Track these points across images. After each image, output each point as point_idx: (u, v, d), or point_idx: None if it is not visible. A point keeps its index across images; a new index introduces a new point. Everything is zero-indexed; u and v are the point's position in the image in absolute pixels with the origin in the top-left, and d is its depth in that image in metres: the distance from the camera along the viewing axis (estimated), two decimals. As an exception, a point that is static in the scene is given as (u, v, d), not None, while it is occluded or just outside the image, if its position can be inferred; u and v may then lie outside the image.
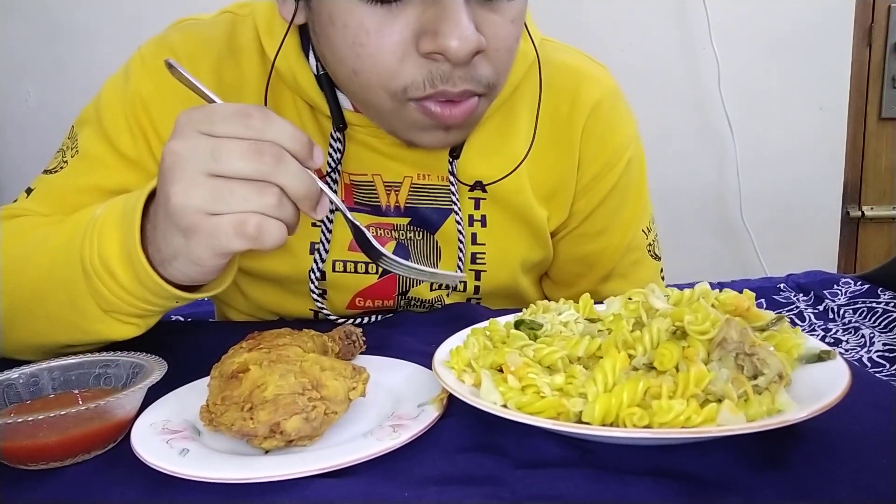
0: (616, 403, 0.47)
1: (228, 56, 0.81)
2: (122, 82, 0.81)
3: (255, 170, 0.53)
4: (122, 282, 0.59)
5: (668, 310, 0.55)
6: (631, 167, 0.91)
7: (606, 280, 0.94)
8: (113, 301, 0.60)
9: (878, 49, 2.11)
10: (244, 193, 0.53)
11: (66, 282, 0.62)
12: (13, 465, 0.51)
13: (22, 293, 0.66)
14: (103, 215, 0.61)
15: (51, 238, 0.66)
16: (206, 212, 0.53)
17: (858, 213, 2.19)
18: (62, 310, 0.64)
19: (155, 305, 0.62)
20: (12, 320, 0.68)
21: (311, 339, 0.62)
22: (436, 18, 0.62)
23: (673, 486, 0.44)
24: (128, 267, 0.59)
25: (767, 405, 0.47)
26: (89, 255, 0.59)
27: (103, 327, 0.63)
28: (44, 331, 0.67)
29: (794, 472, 0.46)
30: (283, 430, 0.49)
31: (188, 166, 0.53)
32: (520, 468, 0.48)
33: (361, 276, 0.84)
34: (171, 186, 0.53)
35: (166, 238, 0.56)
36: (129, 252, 0.58)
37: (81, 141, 0.81)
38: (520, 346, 0.55)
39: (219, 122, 0.54)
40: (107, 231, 0.59)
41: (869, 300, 1.11)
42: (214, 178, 0.53)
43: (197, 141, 0.53)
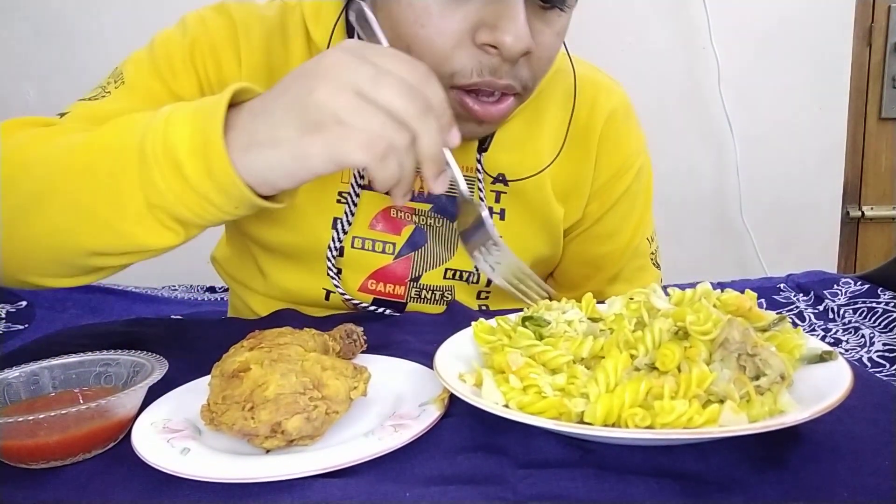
0: (618, 404, 0.47)
1: (278, 35, 0.83)
2: (177, 33, 0.82)
3: (404, 109, 0.54)
4: (185, 170, 0.55)
5: (669, 310, 0.55)
6: (641, 175, 0.97)
7: (611, 283, 0.98)
8: (165, 193, 0.56)
9: (878, 49, 2.11)
10: (384, 122, 0.53)
11: (112, 171, 0.57)
12: (13, 464, 0.50)
13: (51, 178, 0.61)
14: (170, 108, 0.58)
15: (99, 131, 0.61)
16: (342, 119, 0.53)
17: (858, 213, 2.19)
18: (98, 203, 0.58)
19: (208, 205, 0.57)
20: (34, 205, 0.61)
21: (312, 338, 0.62)
22: (496, 14, 0.67)
23: (674, 487, 0.44)
24: (198, 155, 0.55)
25: (769, 406, 0.47)
26: (151, 142, 0.56)
27: (140, 229, 0.58)
28: (66, 225, 0.60)
29: (796, 473, 0.46)
30: (284, 429, 0.49)
31: (344, 75, 0.53)
32: (521, 468, 0.47)
33: (378, 256, 0.87)
34: (319, 81, 0.53)
35: (274, 125, 0.55)
36: (204, 138, 0.55)
37: (129, 75, 0.80)
38: (525, 346, 0.55)
39: (388, 58, 0.56)
40: (176, 119, 0.56)
41: (869, 300, 1.11)
42: (362, 98, 0.53)
43: (362, 62, 0.54)
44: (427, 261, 0.88)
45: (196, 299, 1.63)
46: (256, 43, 0.82)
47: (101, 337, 0.77)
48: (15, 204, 0.62)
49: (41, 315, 1.37)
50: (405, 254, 0.87)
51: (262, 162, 0.55)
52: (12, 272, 0.66)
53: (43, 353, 0.61)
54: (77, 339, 0.77)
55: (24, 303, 1.40)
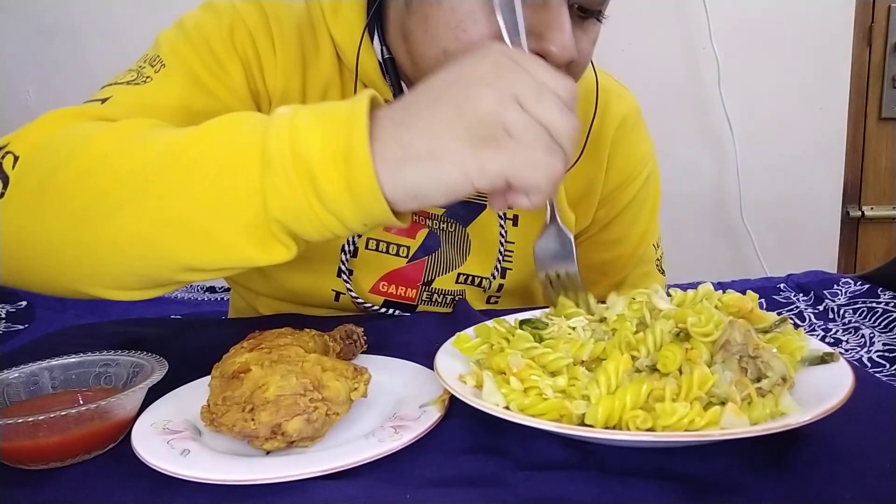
0: (619, 406, 0.47)
1: (308, 28, 0.82)
2: (210, 17, 0.79)
3: (563, 129, 0.51)
4: (319, 181, 0.49)
5: (671, 311, 0.55)
6: (649, 182, 0.97)
7: (617, 288, 0.97)
8: (290, 204, 0.50)
9: (878, 49, 2.11)
10: (549, 143, 0.51)
11: (222, 175, 0.51)
12: (13, 465, 0.50)
13: (140, 178, 0.53)
14: (290, 110, 0.52)
15: (200, 129, 0.54)
16: (513, 134, 0.50)
17: (858, 214, 2.19)
18: (200, 209, 0.51)
19: (334, 219, 0.51)
20: (116, 208, 0.53)
21: (313, 339, 0.61)
22: (543, 23, 0.65)
23: (675, 489, 0.44)
24: (337, 166, 0.49)
25: (771, 408, 0.47)
26: (277, 146, 0.49)
27: (249, 242, 0.52)
28: (157, 234, 0.53)
29: (797, 475, 0.46)
30: (284, 431, 0.49)
31: (506, 84, 0.50)
32: (522, 470, 0.47)
33: (391, 258, 0.86)
34: (481, 88, 0.50)
35: (435, 136, 0.50)
36: (346, 147, 0.49)
37: (168, 58, 0.75)
38: (524, 348, 0.55)
39: (543, 69, 0.53)
40: (303, 124, 0.50)
41: (869, 300, 1.11)
42: (526, 111, 0.50)
43: (521, 71, 0.51)
44: (440, 265, 0.88)
45: (196, 299, 1.63)
46: (288, 34, 0.81)
47: (101, 337, 0.77)
48: (87, 205, 0.54)
49: (41, 315, 1.37)
50: (419, 257, 0.87)
51: (420, 177, 0.50)
52: (70, 282, 0.58)
53: (43, 353, 0.61)
54: (77, 339, 0.77)
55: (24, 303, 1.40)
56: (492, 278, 0.90)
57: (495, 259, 0.89)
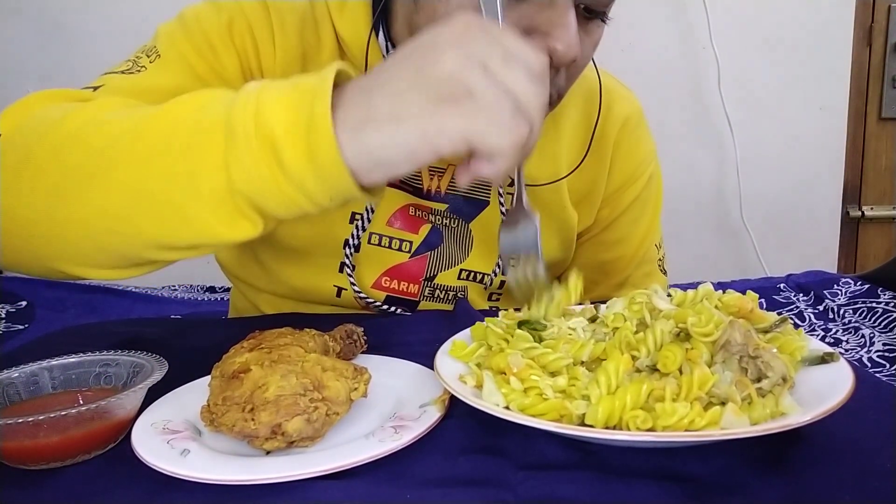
0: (619, 406, 0.47)
1: (310, 23, 0.82)
2: (210, 10, 0.80)
3: (531, 98, 0.50)
4: (281, 152, 0.49)
5: (671, 311, 0.55)
6: (651, 183, 0.98)
7: (619, 289, 0.98)
8: (253, 177, 0.49)
9: (878, 49, 2.11)
10: (513, 107, 0.49)
11: (189, 148, 0.51)
12: (13, 465, 0.50)
13: (110, 153, 0.53)
14: (260, 84, 0.52)
15: (169, 105, 0.54)
16: (474, 94, 0.48)
17: (858, 213, 2.19)
18: (168, 184, 0.51)
19: (298, 193, 0.51)
20: (85, 183, 0.53)
21: (313, 339, 0.61)
22: (549, 21, 0.65)
23: (676, 489, 0.44)
24: (299, 134, 0.49)
25: (771, 408, 0.47)
26: (241, 118, 0.49)
27: (215, 217, 0.51)
28: (125, 209, 0.52)
29: (797, 475, 0.46)
30: (284, 431, 0.49)
31: (473, 47, 0.49)
32: (522, 470, 0.47)
33: (394, 253, 0.87)
34: (446, 50, 0.49)
35: (397, 98, 0.49)
36: (308, 116, 0.48)
37: (164, 49, 0.76)
38: (524, 348, 0.55)
39: (514, 40, 0.51)
40: (270, 95, 0.50)
41: (869, 300, 1.11)
42: (492, 75, 0.49)
43: (490, 37, 0.50)
44: (442, 261, 0.88)
45: (196, 299, 1.63)
46: (290, 28, 0.81)
47: (101, 337, 0.77)
48: (59, 181, 0.54)
49: (41, 315, 1.37)
50: (422, 252, 0.87)
51: (380, 140, 0.49)
52: (45, 259, 0.58)
53: (43, 353, 0.61)
54: (77, 339, 0.77)
55: (24, 303, 1.40)
56: (493, 275, 0.90)
57: (497, 255, 0.89)
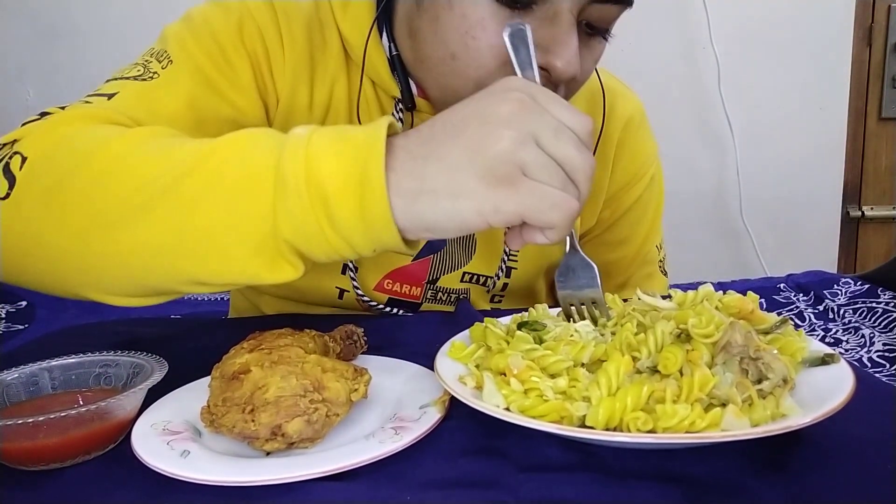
0: (620, 407, 0.47)
1: (316, 25, 0.82)
2: (218, 12, 0.78)
3: (580, 168, 0.51)
4: (333, 208, 0.49)
5: (671, 312, 0.55)
6: (653, 183, 0.98)
7: (621, 289, 0.99)
8: (302, 227, 0.50)
9: (878, 49, 2.11)
10: (565, 181, 0.51)
11: (237, 192, 0.51)
12: (13, 466, 0.50)
13: (154, 188, 0.52)
14: (307, 131, 0.52)
15: (216, 143, 0.54)
16: (529, 174, 0.50)
17: (858, 213, 2.19)
18: (213, 224, 0.51)
19: (344, 245, 0.52)
20: (127, 218, 0.53)
21: (313, 340, 0.61)
22: (550, 37, 0.65)
23: (676, 491, 0.44)
24: (352, 193, 0.49)
25: (772, 409, 0.47)
26: (292, 167, 0.49)
27: (258, 260, 0.52)
28: (166, 246, 0.52)
29: (798, 477, 0.46)
30: (284, 432, 0.49)
31: (527, 125, 0.50)
32: (522, 472, 0.47)
33: (397, 256, 0.86)
34: (501, 129, 0.50)
35: (452, 173, 0.50)
36: (361, 176, 0.49)
37: (176, 54, 0.75)
38: (524, 350, 0.55)
39: (562, 108, 0.52)
40: (320, 147, 0.50)
41: (869, 300, 1.11)
42: (544, 151, 0.50)
43: (542, 111, 0.51)
44: (446, 264, 0.88)
45: (196, 299, 1.63)
46: (297, 31, 0.80)
47: (101, 337, 0.77)
48: (97, 214, 0.53)
49: (41, 315, 1.37)
50: (425, 255, 0.87)
51: (433, 212, 0.50)
52: (70, 286, 0.58)
53: (43, 354, 0.61)
54: (77, 339, 0.77)
55: (24, 303, 1.40)
56: (496, 278, 0.89)
57: (500, 258, 0.89)
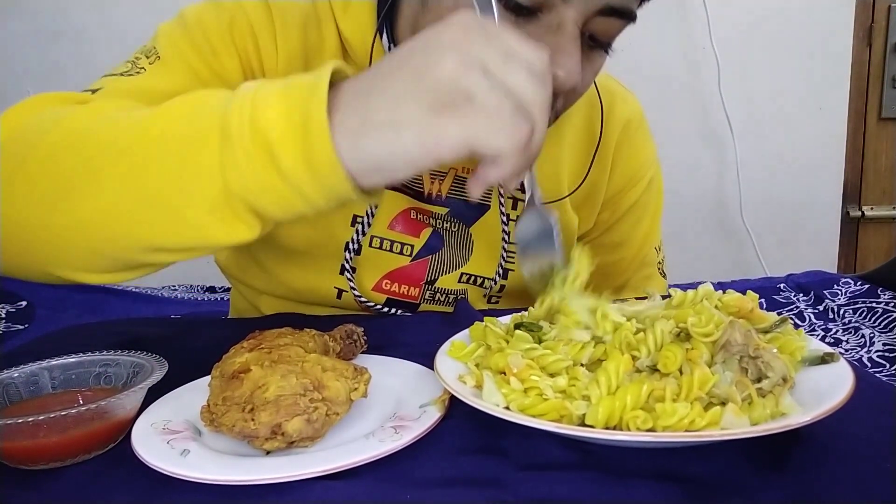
0: (619, 406, 0.47)
1: (313, 21, 0.81)
2: (210, 10, 0.79)
3: (532, 97, 0.49)
4: (277, 155, 0.48)
5: (671, 312, 0.55)
6: (652, 185, 0.97)
7: (619, 292, 0.98)
8: (249, 180, 0.49)
9: (878, 49, 2.11)
10: (514, 108, 0.48)
11: (185, 151, 0.50)
12: (13, 465, 0.50)
13: (106, 157, 0.52)
14: (255, 85, 0.51)
15: (165, 107, 0.53)
16: (474, 98, 0.47)
17: (858, 213, 2.19)
18: (165, 186, 0.50)
19: (295, 196, 0.50)
20: (81, 187, 0.52)
21: (313, 339, 0.61)
22: (554, 46, 0.64)
23: (676, 489, 0.44)
24: (295, 138, 0.48)
25: (771, 408, 0.47)
26: (237, 120, 0.48)
27: (211, 220, 0.50)
28: (122, 213, 0.52)
29: (798, 475, 0.46)
30: (284, 431, 0.49)
31: (473, 49, 0.48)
32: (522, 470, 0.47)
33: (395, 256, 0.86)
34: (445, 53, 0.47)
35: (395, 103, 0.48)
36: (304, 119, 0.47)
37: (164, 51, 0.75)
38: (524, 349, 0.55)
39: (514, 38, 0.50)
40: (265, 97, 0.49)
41: (869, 300, 1.11)
42: (492, 77, 0.48)
43: (489, 37, 0.49)
44: (443, 265, 0.88)
45: (196, 299, 1.63)
46: (292, 28, 0.80)
47: (101, 337, 0.77)
48: (55, 185, 0.53)
49: (41, 315, 1.37)
50: (423, 256, 0.87)
51: (379, 147, 0.48)
52: (40, 264, 0.57)
53: (43, 353, 0.61)
54: (77, 339, 0.77)
55: (24, 303, 1.40)
56: (494, 281, 0.89)
57: (498, 260, 0.89)
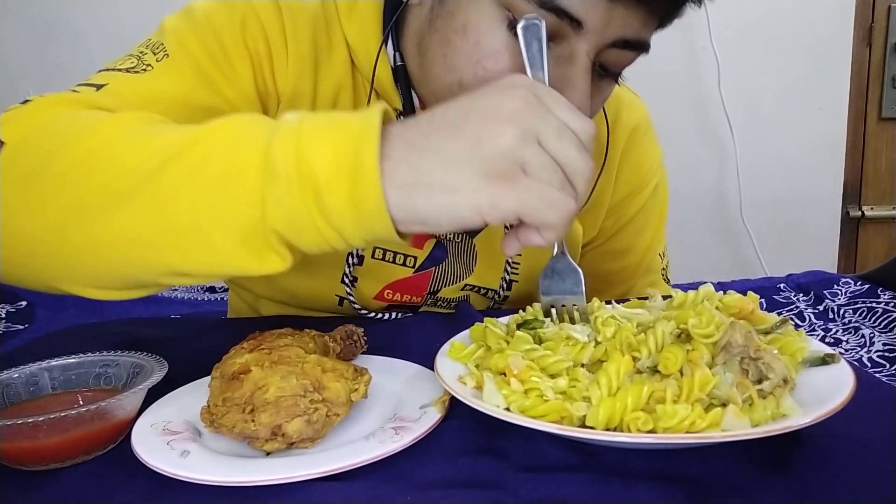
0: (620, 408, 0.47)
1: (322, 26, 0.79)
2: (222, 8, 0.76)
3: (579, 170, 0.50)
4: (324, 197, 0.47)
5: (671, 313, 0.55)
6: (657, 192, 0.96)
7: None
8: (292, 217, 0.48)
9: (878, 49, 2.11)
10: (563, 181, 0.50)
11: (224, 180, 0.48)
12: (13, 466, 0.50)
13: (136, 177, 0.50)
14: (298, 118, 0.50)
15: (202, 129, 0.52)
16: (529, 172, 0.49)
17: (858, 213, 2.19)
18: (198, 214, 0.49)
19: (335, 235, 0.49)
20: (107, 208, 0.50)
21: (313, 340, 0.61)
22: (563, 77, 0.63)
23: (676, 491, 0.44)
24: (344, 183, 0.47)
25: (772, 410, 0.47)
26: (282, 155, 0.47)
27: (244, 250, 0.49)
28: (149, 237, 0.50)
29: (798, 477, 0.46)
30: (284, 432, 0.49)
31: (530, 123, 0.49)
32: (522, 472, 0.47)
33: (398, 268, 0.85)
34: (504, 125, 0.48)
35: (449, 167, 0.48)
36: (354, 164, 0.47)
37: (173, 48, 0.72)
38: (524, 350, 0.55)
39: (565, 108, 0.51)
40: (312, 134, 0.48)
41: (869, 300, 1.11)
42: (545, 150, 0.49)
43: (545, 110, 0.50)
44: (447, 276, 0.86)
45: (196, 299, 1.63)
46: (302, 31, 0.78)
47: (101, 337, 0.76)
48: (77, 201, 0.51)
49: (41, 315, 1.37)
50: (426, 268, 0.85)
51: (430, 205, 0.48)
52: (48, 278, 0.56)
53: (43, 354, 0.61)
54: (77, 339, 0.77)
55: (24, 303, 1.40)
56: (498, 294, 0.89)
57: (501, 271, 0.87)
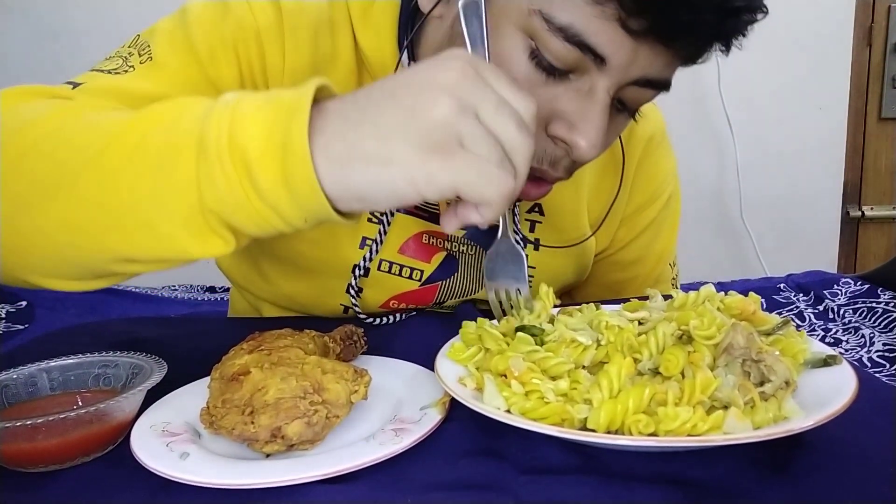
0: (621, 410, 0.47)
1: (326, 30, 0.78)
2: (217, 13, 0.74)
3: (519, 146, 0.49)
4: (255, 174, 0.46)
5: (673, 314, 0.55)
6: (670, 203, 0.97)
7: None
8: (225, 196, 0.47)
9: (878, 49, 2.11)
10: (502, 157, 0.49)
11: (160, 162, 0.48)
12: (12, 468, 0.50)
13: (77, 162, 0.50)
14: (235, 97, 0.49)
15: (142, 113, 0.51)
16: (465, 145, 0.47)
17: (858, 214, 2.19)
18: (138, 198, 0.48)
19: (273, 214, 0.48)
20: (51, 193, 0.51)
21: (312, 340, 0.61)
22: (579, 112, 0.62)
23: (678, 494, 0.44)
24: (274, 158, 0.46)
25: (774, 412, 0.47)
26: (216, 134, 0.46)
27: (185, 233, 0.48)
28: (92, 221, 0.50)
29: (800, 479, 0.45)
30: (284, 434, 0.49)
31: (468, 95, 0.48)
32: (523, 474, 0.47)
33: (404, 280, 0.83)
34: (440, 96, 0.47)
35: (384, 139, 0.47)
36: (284, 139, 0.46)
37: (158, 50, 0.71)
38: (525, 352, 0.55)
39: (506, 85, 0.50)
40: (245, 111, 0.47)
41: (869, 300, 1.11)
42: (482, 124, 0.48)
43: (485, 84, 0.49)
44: (455, 290, 0.85)
45: (196, 299, 1.63)
46: (303, 38, 0.76)
47: (101, 337, 0.76)
48: (23, 189, 0.51)
49: (41, 315, 1.37)
50: (434, 281, 0.83)
51: (364, 178, 0.47)
52: (10, 269, 0.56)
53: (42, 354, 0.60)
54: (76, 339, 0.77)
55: (24, 303, 1.40)
56: None
57: None
